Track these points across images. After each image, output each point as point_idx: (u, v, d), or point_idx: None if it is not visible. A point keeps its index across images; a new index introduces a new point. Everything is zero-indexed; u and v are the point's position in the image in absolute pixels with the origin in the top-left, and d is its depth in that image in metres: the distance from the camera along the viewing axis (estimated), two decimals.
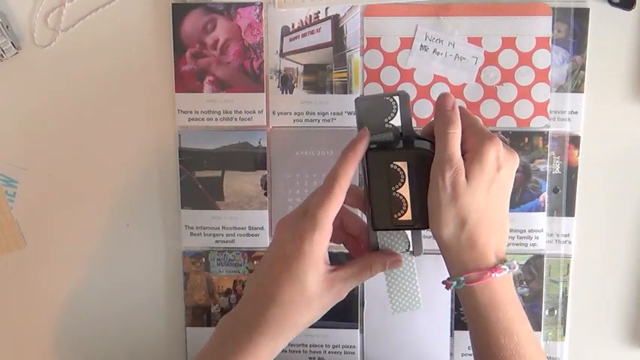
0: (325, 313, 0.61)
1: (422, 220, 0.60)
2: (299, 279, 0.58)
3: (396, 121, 0.60)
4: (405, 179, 0.59)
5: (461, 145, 0.58)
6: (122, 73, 0.73)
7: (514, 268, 0.59)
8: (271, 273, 0.59)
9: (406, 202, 0.60)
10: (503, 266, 0.58)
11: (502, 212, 0.60)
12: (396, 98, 0.60)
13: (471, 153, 0.58)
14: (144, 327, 0.76)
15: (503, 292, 0.59)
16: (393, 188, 0.60)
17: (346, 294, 0.61)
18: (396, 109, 0.60)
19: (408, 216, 0.60)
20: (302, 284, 0.58)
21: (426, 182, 0.58)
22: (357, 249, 0.65)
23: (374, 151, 0.60)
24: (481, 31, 0.70)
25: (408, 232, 0.63)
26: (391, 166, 0.59)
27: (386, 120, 0.60)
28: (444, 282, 0.60)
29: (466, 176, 0.57)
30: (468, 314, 0.60)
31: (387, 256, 0.63)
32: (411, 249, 0.63)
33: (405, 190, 0.60)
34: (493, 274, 0.57)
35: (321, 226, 0.58)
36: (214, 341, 0.61)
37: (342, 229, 0.64)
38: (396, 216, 0.60)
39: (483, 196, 0.57)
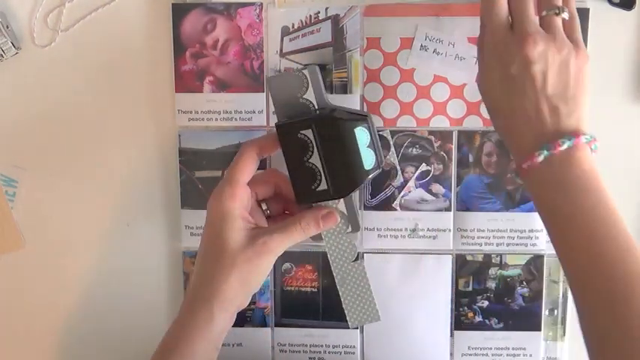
0: (262, 273, 0.62)
1: (337, 187, 0.61)
2: (218, 235, 0.61)
3: (310, 96, 0.62)
4: (313, 147, 0.61)
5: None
6: (122, 73, 0.73)
7: (596, 140, 0.58)
8: (202, 242, 0.63)
9: (319, 170, 0.61)
10: (590, 140, 0.58)
11: (584, 84, 0.60)
12: (306, 72, 0.61)
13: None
14: (143, 327, 0.76)
15: (557, 175, 0.57)
16: (305, 159, 0.61)
17: (278, 250, 0.62)
18: (307, 83, 0.62)
19: (324, 185, 0.61)
20: (221, 239, 0.61)
21: (335, 146, 0.60)
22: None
23: (282, 124, 0.62)
24: None
25: (343, 209, 0.64)
26: (299, 135, 0.61)
27: (299, 95, 0.62)
28: (518, 165, 0.59)
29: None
30: (536, 202, 0.59)
31: (319, 210, 0.63)
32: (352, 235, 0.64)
33: (315, 159, 0.61)
34: (583, 138, 0.57)
35: (231, 180, 0.62)
36: (175, 319, 0.63)
37: (282, 197, 0.66)
38: (313, 187, 0.61)
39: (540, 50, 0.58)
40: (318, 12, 0.71)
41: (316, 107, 0.62)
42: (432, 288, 0.74)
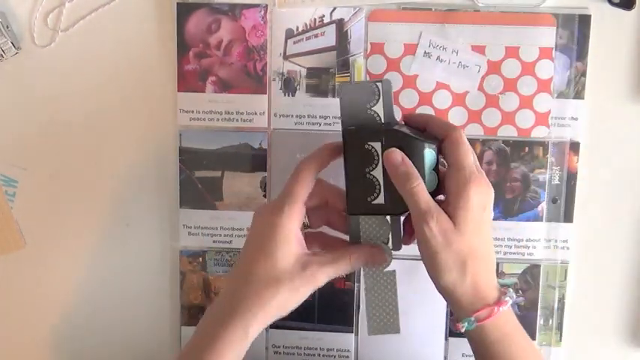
0: (300, 300, 0.60)
1: (393, 203, 0.60)
2: (269, 254, 0.59)
3: (379, 108, 0.61)
4: (378, 160, 0.60)
5: (440, 180, 0.59)
6: (123, 72, 0.72)
7: (514, 297, 0.60)
8: (245, 253, 0.61)
9: (379, 184, 0.60)
10: (506, 298, 0.59)
11: (491, 246, 0.61)
12: (379, 85, 0.60)
13: (454, 196, 0.58)
14: (140, 325, 0.76)
15: (510, 322, 0.60)
16: (367, 170, 0.60)
17: (322, 282, 0.60)
18: (379, 95, 0.60)
19: (380, 199, 0.60)
20: (272, 260, 0.58)
21: None
22: (344, 227, 0.65)
23: (351, 130, 0.60)
24: (485, 40, 0.70)
25: (389, 228, 0.63)
26: (365, 146, 0.60)
27: (368, 106, 0.61)
28: (452, 325, 0.61)
29: (452, 219, 0.57)
30: (479, 352, 0.60)
31: (370, 248, 0.62)
32: (390, 246, 0.63)
33: (378, 172, 0.60)
34: (501, 308, 0.58)
35: (291, 199, 0.59)
36: (198, 326, 0.61)
37: (327, 209, 0.64)
38: (369, 199, 0.60)
39: (475, 237, 0.58)
40: (323, 15, 0.71)
41: (382, 121, 0.61)
42: (428, 294, 0.73)
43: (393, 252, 0.63)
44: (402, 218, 0.63)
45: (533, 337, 0.74)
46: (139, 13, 0.72)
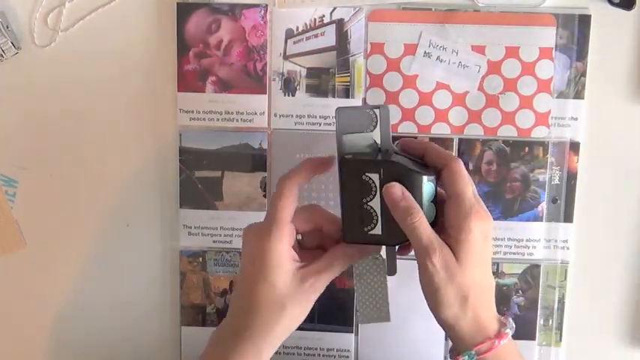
0: (306, 312, 0.60)
1: (390, 234, 0.59)
2: (267, 280, 0.59)
3: (376, 135, 0.60)
4: (376, 192, 0.59)
5: (442, 210, 0.59)
6: (123, 72, 0.72)
7: (513, 327, 0.60)
8: (244, 279, 0.61)
9: (376, 215, 0.59)
10: (506, 330, 0.59)
11: (491, 275, 0.61)
12: (377, 111, 0.59)
13: (455, 229, 0.58)
14: (140, 325, 0.76)
15: (512, 353, 0.60)
16: (365, 200, 0.59)
17: (323, 288, 0.60)
18: (376, 122, 0.60)
19: (377, 230, 0.60)
20: (271, 284, 0.59)
21: None
22: None
23: (348, 160, 0.59)
24: (485, 40, 0.70)
25: (383, 250, 0.62)
26: (363, 177, 0.59)
27: (365, 132, 0.60)
28: (451, 357, 0.60)
29: (455, 253, 0.57)
30: None
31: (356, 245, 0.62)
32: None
33: (375, 203, 0.59)
34: (502, 341, 0.58)
35: (278, 221, 0.59)
36: (206, 351, 0.61)
37: (321, 234, 0.64)
38: (366, 229, 0.60)
39: (477, 269, 0.58)
40: (323, 15, 0.71)
41: (380, 148, 0.60)
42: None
43: (390, 276, 0.63)
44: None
45: (533, 338, 0.74)
46: (139, 13, 0.72)
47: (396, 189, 0.58)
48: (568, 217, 0.72)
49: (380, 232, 0.60)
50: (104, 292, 0.76)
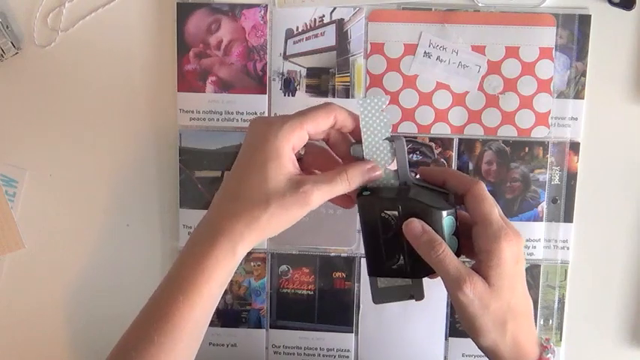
0: (290, 221, 0.57)
1: (415, 268, 0.59)
2: (260, 171, 0.56)
3: (393, 167, 0.60)
4: (396, 228, 0.58)
5: (470, 236, 0.58)
6: (123, 72, 0.72)
7: (554, 352, 0.60)
8: (237, 168, 0.58)
9: (399, 250, 0.59)
10: (547, 355, 0.59)
11: (528, 297, 0.60)
12: (392, 144, 0.59)
13: (486, 254, 0.57)
14: None
15: None
16: (385, 236, 0.59)
17: (316, 203, 0.57)
18: (393, 154, 0.59)
19: (401, 264, 0.59)
20: (262, 176, 0.56)
21: None
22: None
23: (365, 197, 0.59)
24: (485, 40, 0.70)
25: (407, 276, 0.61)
26: (382, 214, 0.58)
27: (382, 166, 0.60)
28: None
29: (487, 279, 0.56)
30: None
31: (365, 163, 0.59)
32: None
33: (397, 239, 0.58)
34: None
35: (296, 120, 0.56)
36: (185, 245, 0.58)
37: (324, 154, 0.62)
38: (390, 263, 0.59)
39: (512, 293, 0.57)
40: (323, 15, 0.71)
41: (398, 180, 0.59)
42: (428, 293, 0.74)
43: (416, 301, 0.61)
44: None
45: None
46: (139, 13, 0.72)
47: (415, 224, 0.57)
48: (568, 217, 0.72)
49: (404, 266, 0.59)
50: (104, 293, 0.76)
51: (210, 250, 0.56)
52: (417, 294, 0.61)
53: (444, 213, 0.58)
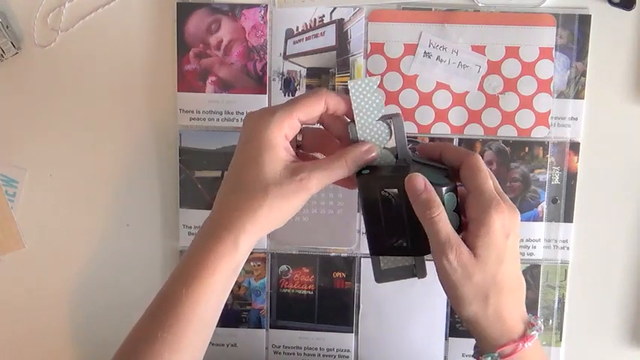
0: (291, 210, 0.57)
1: (416, 246, 0.58)
2: (256, 162, 0.56)
3: (391, 145, 0.59)
4: (397, 205, 0.58)
5: (462, 207, 0.57)
6: (123, 72, 0.73)
7: (541, 329, 0.58)
8: (234, 164, 0.58)
9: (400, 227, 0.58)
10: (532, 332, 0.57)
11: (518, 275, 0.58)
12: (390, 122, 0.59)
13: (475, 224, 0.56)
14: None
15: (536, 355, 0.58)
16: (387, 214, 0.58)
17: (315, 188, 0.56)
18: (391, 133, 0.59)
19: (403, 242, 0.59)
20: (258, 166, 0.55)
21: None
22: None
23: (364, 176, 0.58)
24: (485, 40, 0.70)
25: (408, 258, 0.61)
26: (382, 193, 0.58)
27: (380, 145, 0.59)
28: (475, 355, 0.59)
29: (473, 249, 0.55)
30: None
31: (361, 145, 0.58)
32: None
33: (398, 216, 0.58)
34: (526, 344, 0.56)
35: (287, 109, 0.56)
36: (192, 241, 0.58)
37: (322, 135, 0.61)
38: (391, 241, 0.59)
39: (498, 266, 0.56)
40: (323, 15, 0.71)
41: (396, 158, 0.59)
42: (428, 294, 0.74)
43: (419, 278, 0.61)
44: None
45: None
46: (139, 13, 0.72)
47: (419, 180, 0.56)
48: (568, 217, 0.72)
49: (405, 244, 0.59)
50: (104, 293, 0.76)
51: (212, 244, 0.56)
52: (420, 272, 0.61)
53: (444, 189, 0.57)
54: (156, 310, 0.57)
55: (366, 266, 0.73)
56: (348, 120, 0.60)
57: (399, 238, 0.59)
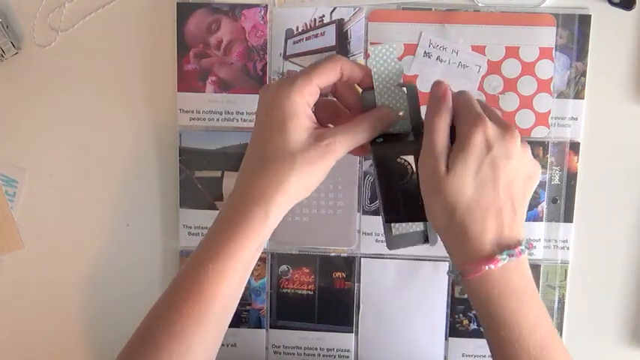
0: (320, 176, 0.56)
1: None
2: (280, 131, 0.55)
3: (406, 113, 0.59)
4: (412, 173, 0.58)
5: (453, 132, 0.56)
6: (123, 72, 0.73)
7: (519, 255, 0.54)
8: (256, 135, 0.57)
9: (414, 195, 0.58)
10: (501, 256, 0.53)
11: (500, 194, 0.54)
12: (404, 89, 0.59)
13: (458, 140, 0.55)
14: None
15: (502, 284, 0.54)
16: (402, 182, 0.58)
17: (341, 152, 0.56)
18: (405, 98, 0.59)
19: (418, 208, 0.58)
20: (283, 135, 0.55)
21: None
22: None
23: (380, 145, 0.58)
24: (485, 40, 0.70)
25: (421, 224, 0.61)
26: (398, 160, 0.58)
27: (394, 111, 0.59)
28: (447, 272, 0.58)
29: (451, 164, 0.54)
30: (471, 304, 0.57)
31: (381, 109, 0.58)
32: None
33: (412, 184, 0.58)
34: (487, 266, 0.53)
35: (307, 76, 0.56)
36: (218, 214, 0.57)
37: (335, 108, 0.61)
38: (406, 209, 0.58)
39: (470, 181, 0.53)
40: (323, 15, 0.71)
41: (410, 124, 0.59)
42: (428, 294, 0.74)
43: (430, 245, 0.61)
44: None
45: None
46: (139, 13, 0.72)
47: (445, 88, 0.56)
48: (568, 217, 0.72)
49: (420, 210, 0.57)
50: (104, 293, 0.76)
51: (241, 219, 0.55)
52: (431, 238, 0.61)
53: None
54: (179, 286, 0.57)
55: (366, 266, 0.73)
56: (360, 90, 0.59)
57: (413, 204, 0.58)
